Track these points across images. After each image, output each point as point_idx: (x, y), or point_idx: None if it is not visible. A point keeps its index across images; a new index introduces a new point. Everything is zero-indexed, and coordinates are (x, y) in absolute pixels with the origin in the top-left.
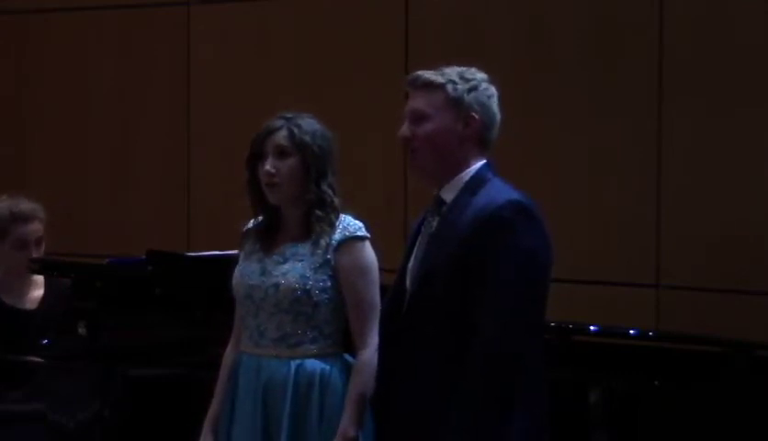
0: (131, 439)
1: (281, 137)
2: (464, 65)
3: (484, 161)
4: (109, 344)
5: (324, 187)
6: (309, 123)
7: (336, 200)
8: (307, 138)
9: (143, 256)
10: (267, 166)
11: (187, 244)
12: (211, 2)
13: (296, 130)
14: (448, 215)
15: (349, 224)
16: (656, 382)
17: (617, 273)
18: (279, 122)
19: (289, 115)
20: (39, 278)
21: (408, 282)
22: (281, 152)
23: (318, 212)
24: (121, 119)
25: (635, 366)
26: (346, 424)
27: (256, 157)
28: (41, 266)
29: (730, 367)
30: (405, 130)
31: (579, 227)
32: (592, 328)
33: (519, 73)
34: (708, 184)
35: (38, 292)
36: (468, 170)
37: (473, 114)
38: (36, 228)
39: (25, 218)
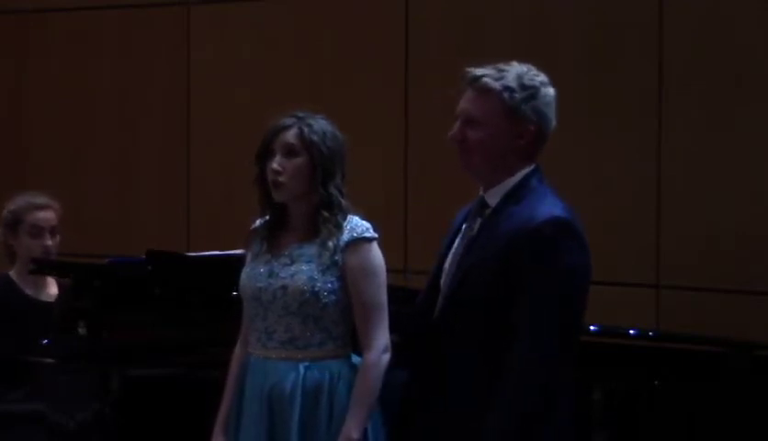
0: (131, 439)
1: (290, 135)
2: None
3: (533, 166)
4: (109, 344)
5: (331, 189)
6: (320, 124)
7: (344, 202)
8: (316, 138)
9: (143, 256)
10: (274, 164)
11: (187, 244)
12: (211, 2)
13: (306, 130)
14: (490, 221)
15: (357, 225)
16: (656, 382)
17: (617, 273)
18: (290, 120)
19: (301, 114)
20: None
21: (443, 281)
22: (289, 151)
23: (324, 213)
24: (121, 119)
25: (635, 366)
26: (350, 427)
27: (266, 154)
28: (41, 266)
29: (730, 367)
30: (456, 131)
31: None
32: (592, 328)
33: None
34: (708, 184)
35: (53, 288)
36: (516, 175)
37: (529, 126)
38: (50, 216)
39: (39, 206)
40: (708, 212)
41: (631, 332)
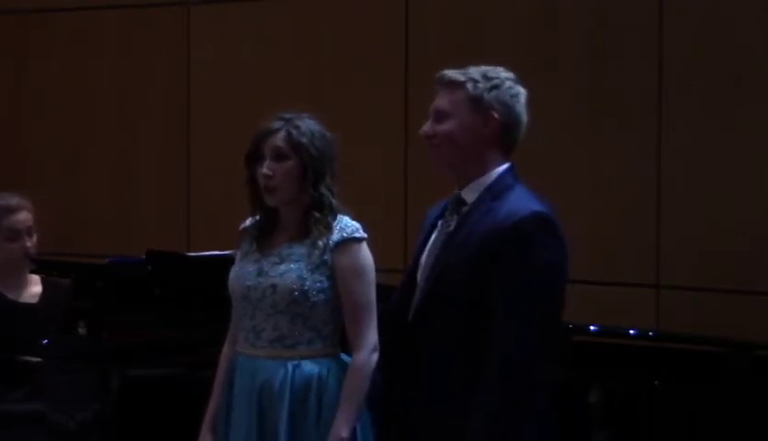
0: (131, 439)
1: (279, 139)
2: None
3: (507, 165)
4: (109, 344)
5: (322, 190)
6: (308, 124)
7: (334, 202)
8: (304, 140)
9: (143, 256)
10: (264, 169)
11: (187, 244)
12: (211, 2)
13: (294, 132)
14: (468, 217)
15: (347, 225)
16: (656, 382)
17: (617, 273)
18: (278, 124)
19: (288, 116)
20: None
21: (419, 276)
22: (278, 155)
23: (315, 214)
24: (121, 119)
25: (635, 366)
26: (339, 426)
27: (255, 158)
28: (41, 266)
29: (730, 367)
30: (427, 127)
31: (579, 227)
32: (592, 328)
33: (519, 74)
34: (708, 184)
35: (36, 288)
36: (491, 173)
37: (493, 113)
38: (25, 217)
39: (12, 209)
40: (708, 212)
41: (631, 332)
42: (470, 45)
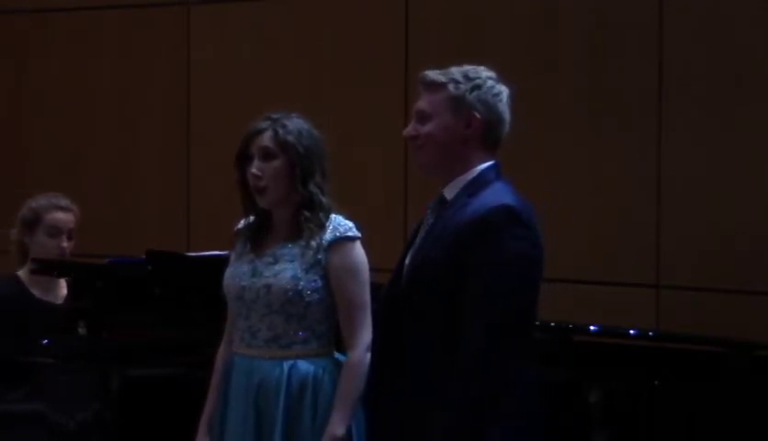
0: (131, 439)
1: (266, 138)
2: (465, 65)
3: (491, 162)
4: (109, 344)
5: (312, 188)
6: (295, 123)
7: (325, 200)
8: (291, 138)
9: (143, 256)
10: (253, 169)
11: (187, 244)
12: (211, 2)
13: (280, 131)
14: (445, 213)
15: (340, 224)
16: (656, 382)
17: (617, 273)
18: (265, 123)
19: (276, 115)
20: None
21: (404, 272)
22: (266, 154)
23: (306, 213)
24: (121, 119)
25: (635, 366)
26: (335, 424)
27: (244, 158)
28: (41, 266)
29: (730, 367)
30: (410, 128)
31: (579, 227)
32: (592, 328)
33: (519, 74)
34: (708, 184)
35: (63, 289)
36: (473, 170)
37: (475, 113)
38: (70, 218)
39: (59, 207)
40: (708, 212)
41: (631, 332)
42: (470, 45)
